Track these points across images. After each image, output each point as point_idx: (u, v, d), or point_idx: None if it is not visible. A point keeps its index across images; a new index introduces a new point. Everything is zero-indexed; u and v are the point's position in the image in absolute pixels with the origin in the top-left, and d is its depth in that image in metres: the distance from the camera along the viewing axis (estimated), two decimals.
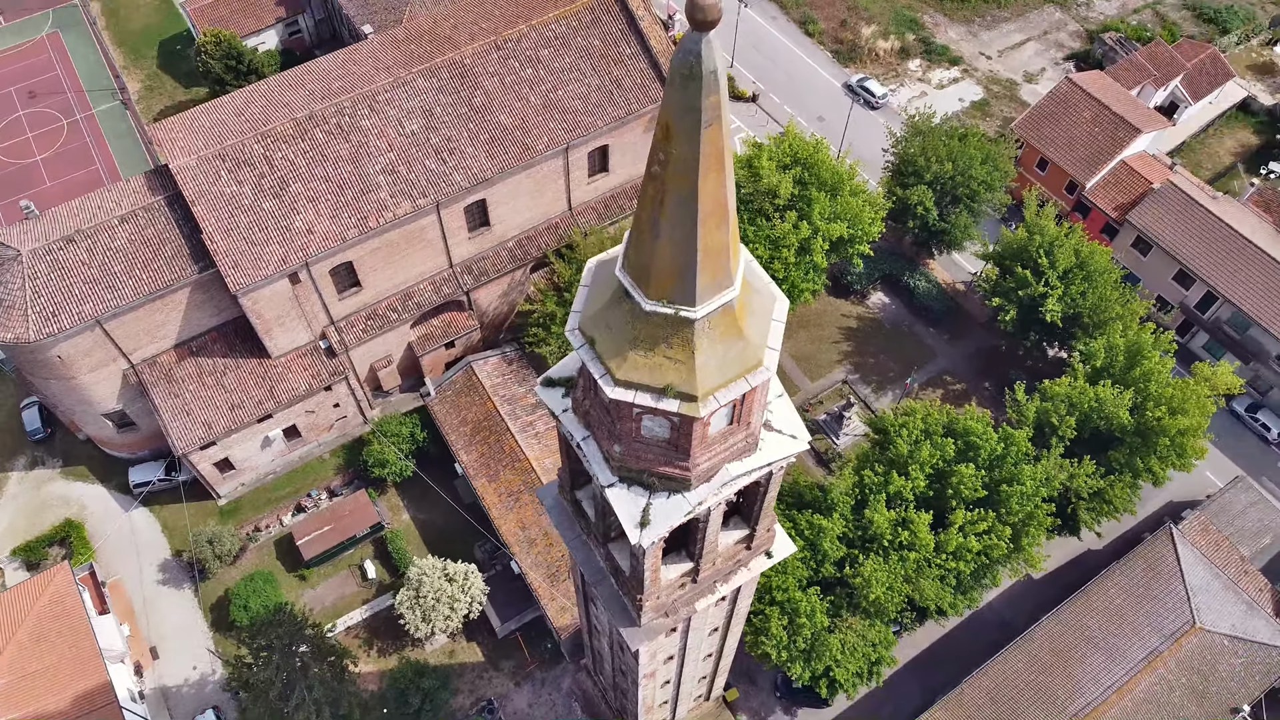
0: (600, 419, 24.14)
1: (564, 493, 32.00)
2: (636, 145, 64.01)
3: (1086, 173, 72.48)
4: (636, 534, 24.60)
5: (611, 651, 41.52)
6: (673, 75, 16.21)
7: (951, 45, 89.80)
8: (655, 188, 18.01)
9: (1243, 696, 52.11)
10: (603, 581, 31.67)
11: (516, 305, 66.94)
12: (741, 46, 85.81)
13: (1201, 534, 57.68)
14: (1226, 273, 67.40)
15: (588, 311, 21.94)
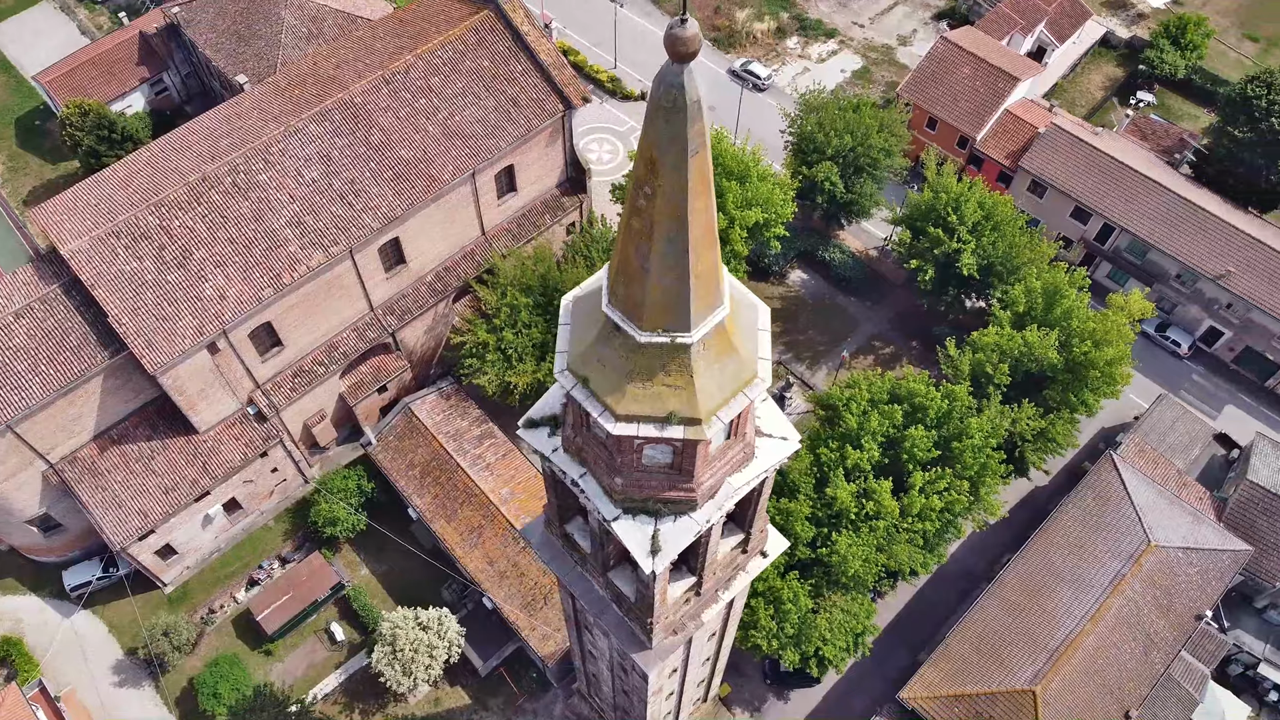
0: (597, 454, 23.75)
1: (552, 529, 31.50)
2: (541, 161, 63.42)
3: (974, 126, 74.83)
4: (649, 562, 24.32)
5: (612, 674, 41.10)
6: (655, 109, 15.95)
7: (824, 19, 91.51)
8: (642, 222, 17.72)
9: (1203, 602, 54.68)
10: (606, 611, 31.24)
11: (444, 338, 65.68)
12: (623, 46, 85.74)
13: (1139, 455, 60.27)
14: (1119, 203, 70.47)
15: (575, 350, 21.53)
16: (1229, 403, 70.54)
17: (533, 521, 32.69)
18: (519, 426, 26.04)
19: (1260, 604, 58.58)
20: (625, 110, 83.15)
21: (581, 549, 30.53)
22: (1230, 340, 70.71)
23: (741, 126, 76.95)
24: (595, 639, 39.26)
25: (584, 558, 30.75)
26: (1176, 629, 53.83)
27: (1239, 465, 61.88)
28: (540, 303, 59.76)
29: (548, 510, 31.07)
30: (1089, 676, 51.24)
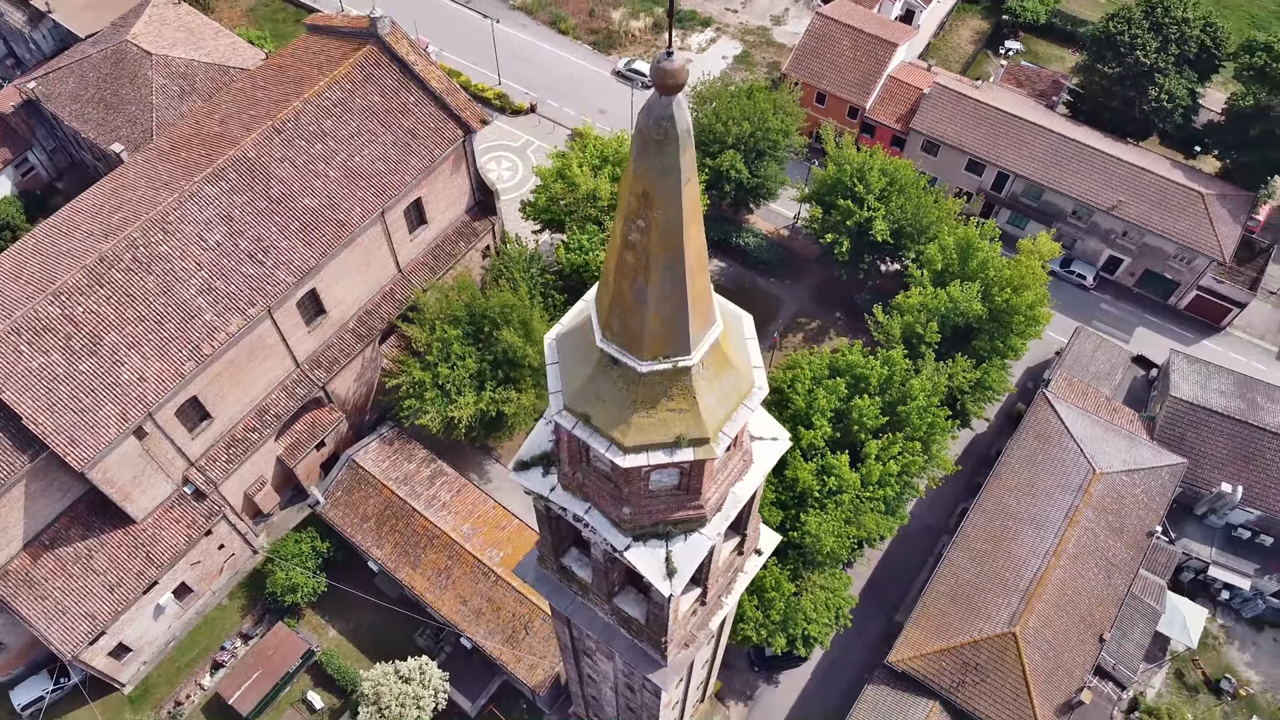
0: (600, 487, 23.48)
1: (547, 564, 31.06)
2: (447, 189, 62.39)
3: (862, 95, 76.56)
4: (667, 585, 24.17)
5: (617, 694, 40.82)
6: (644, 143, 15.75)
7: (698, 8, 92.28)
8: (636, 256, 17.49)
9: (1151, 519, 57.26)
10: (615, 636, 30.95)
11: (375, 383, 64.09)
12: (504, 60, 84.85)
13: (1068, 389, 62.72)
14: (1009, 151, 73.08)
15: (571, 389, 21.18)
16: (1138, 325, 73.99)
17: (524, 560, 32.19)
18: (511, 470, 25.53)
19: (1200, 511, 61.63)
20: (517, 125, 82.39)
21: (581, 579, 30.20)
22: (1130, 266, 74.14)
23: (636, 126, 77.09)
24: (597, 664, 38.95)
25: (585, 588, 30.41)
26: (1132, 548, 56.25)
27: (1159, 384, 64.95)
28: (470, 332, 58.82)
29: (540, 546, 30.63)
30: (1061, 609, 53.15)
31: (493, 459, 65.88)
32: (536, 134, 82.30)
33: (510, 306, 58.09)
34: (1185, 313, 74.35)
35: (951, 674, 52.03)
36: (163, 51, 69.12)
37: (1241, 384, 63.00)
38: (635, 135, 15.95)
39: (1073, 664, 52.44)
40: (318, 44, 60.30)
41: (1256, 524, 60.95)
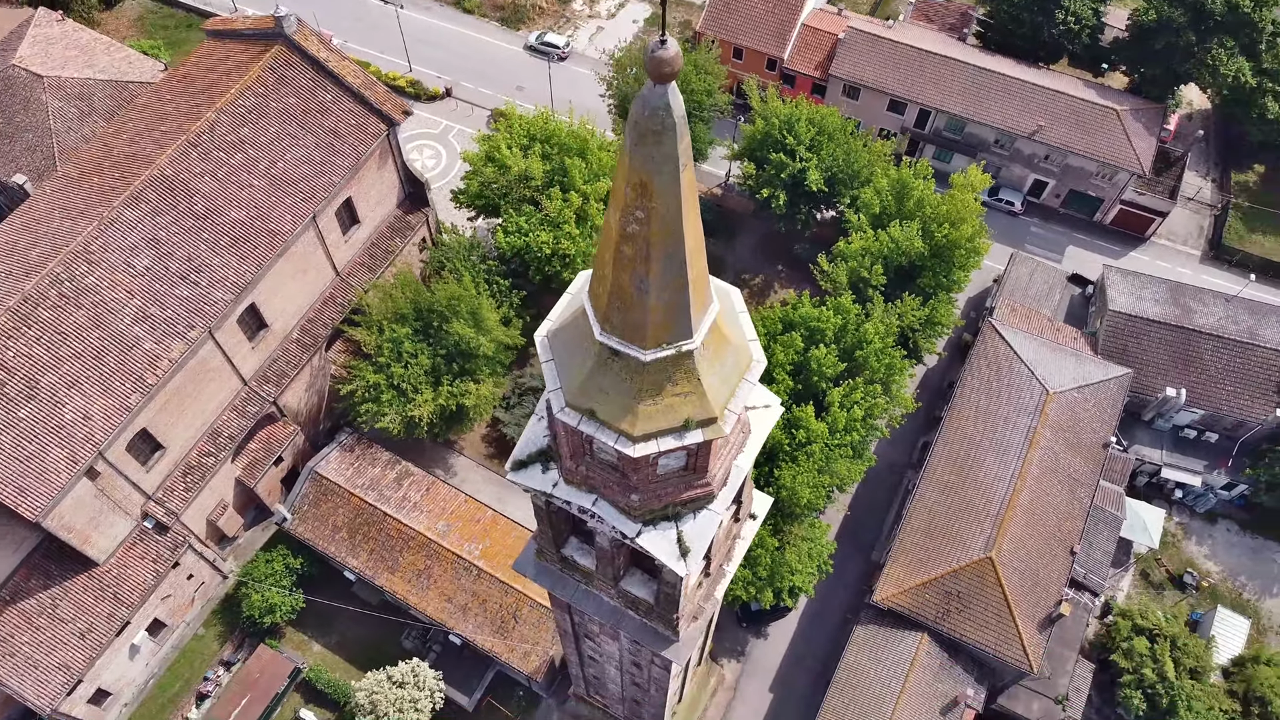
0: (606, 477, 23.30)
1: (547, 556, 30.88)
2: (377, 185, 60.90)
3: (779, 46, 76.55)
4: (681, 566, 24.18)
5: (622, 672, 40.98)
6: (642, 133, 15.41)
7: None
8: (636, 247, 17.21)
9: (1105, 431, 59.21)
10: (624, 619, 30.95)
11: (326, 391, 62.71)
12: (412, 46, 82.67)
13: (1012, 314, 64.22)
14: (928, 87, 73.91)
15: (570, 385, 20.88)
16: (1069, 244, 75.99)
17: (522, 555, 31.94)
18: (509, 471, 25.17)
19: (1148, 416, 63.96)
20: (435, 111, 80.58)
21: (584, 568, 30.10)
22: (1055, 188, 75.92)
23: (559, 100, 76.12)
24: (600, 645, 39.00)
25: (589, 575, 30.33)
26: (1090, 462, 58.16)
27: (1097, 299, 66.87)
28: (419, 328, 57.81)
29: (539, 540, 30.43)
30: (1031, 529, 54.81)
31: (456, 452, 65.17)
32: (455, 119, 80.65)
33: (457, 298, 57.17)
34: (1111, 227, 76.56)
35: (935, 605, 53.41)
36: (54, 73, 65.72)
37: (1173, 291, 65.21)
38: (630, 127, 15.60)
39: (1048, 580, 54.25)
40: (221, 50, 57.98)
41: (1201, 423, 63.53)
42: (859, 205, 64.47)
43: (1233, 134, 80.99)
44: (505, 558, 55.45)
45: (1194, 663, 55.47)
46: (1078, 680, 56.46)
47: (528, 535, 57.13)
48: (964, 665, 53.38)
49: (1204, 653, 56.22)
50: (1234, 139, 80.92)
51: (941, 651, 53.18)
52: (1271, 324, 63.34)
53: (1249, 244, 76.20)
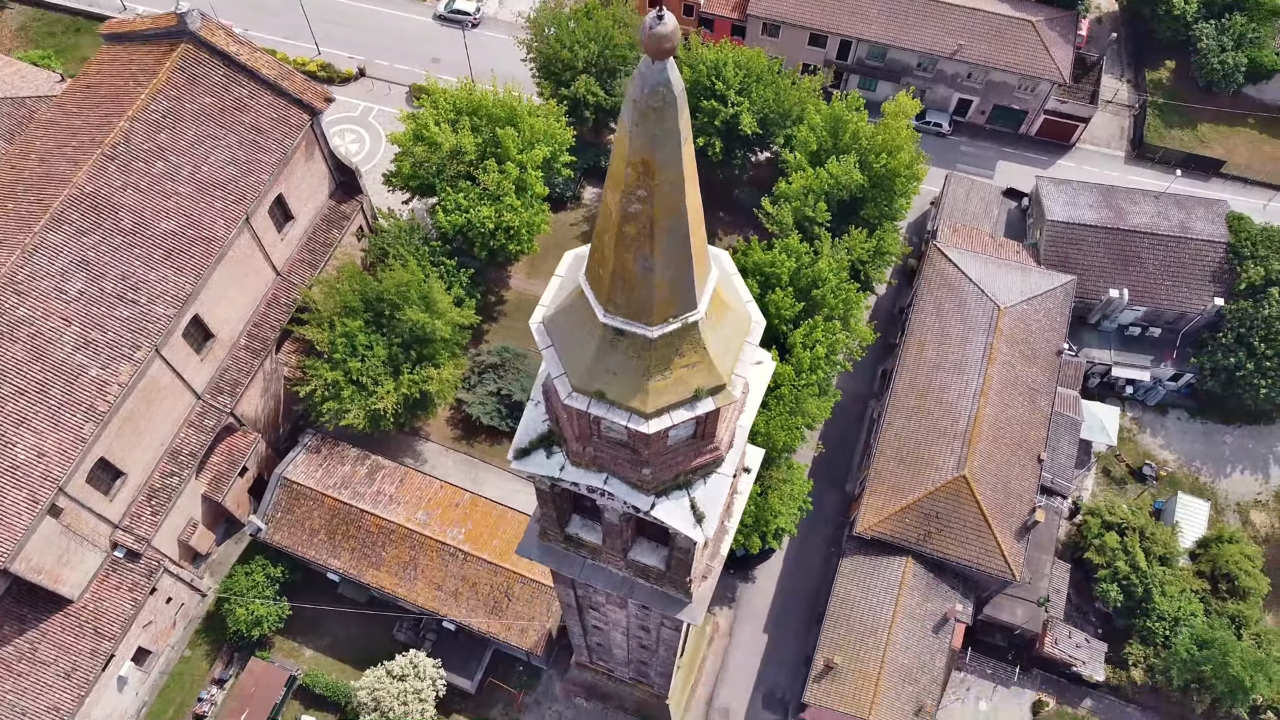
0: (616, 455, 23.20)
1: (551, 537, 30.78)
2: (307, 178, 59.15)
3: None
4: (698, 532, 24.30)
5: (629, 636, 41.30)
6: (642, 111, 15.04)
7: None
8: (638, 227, 16.91)
9: (1056, 339, 60.74)
10: (635, 588, 31.10)
11: (281, 394, 61.30)
12: (318, 27, 79.72)
13: (954, 235, 65.18)
14: (846, 18, 73.84)
15: (576, 369, 20.62)
16: (998, 160, 77.15)
17: (524, 540, 31.78)
18: (512, 461, 24.88)
19: (1093, 319, 65.77)
20: (351, 94, 78.17)
21: (590, 544, 30.10)
22: (979, 105, 76.82)
23: (478, 69, 74.36)
24: (606, 614, 39.18)
25: (595, 550, 30.35)
26: (1046, 370, 59.70)
27: (1033, 211, 68.11)
28: (370, 319, 56.65)
29: (541, 522, 30.28)
30: (998, 443, 56.25)
31: (423, 439, 64.40)
32: (373, 99, 78.41)
33: (406, 284, 56.03)
34: (1038, 138, 77.88)
35: (916, 528, 54.70)
36: None
37: (1105, 194, 66.72)
38: (629, 106, 15.22)
39: (1020, 489, 55.86)
40: (123, 54, 55.32)
41: (1144, 320, 65.57)
42: (794, 144, 64.50)
43: (1141, 33, 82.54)
44: (490, 539, 55.26)
45: (1162, 550, 57.88)
46: (1056, 581, 58.58)
47: (509, 514, 56.99)
48: (949, 582, 54.91)
49: (1170, 539, 58.66)
50: (1143, 38, 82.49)
51: (927, 572, 54.61)
52: (1200, 216, 65.31)
53: (1169, 140, 78.20)
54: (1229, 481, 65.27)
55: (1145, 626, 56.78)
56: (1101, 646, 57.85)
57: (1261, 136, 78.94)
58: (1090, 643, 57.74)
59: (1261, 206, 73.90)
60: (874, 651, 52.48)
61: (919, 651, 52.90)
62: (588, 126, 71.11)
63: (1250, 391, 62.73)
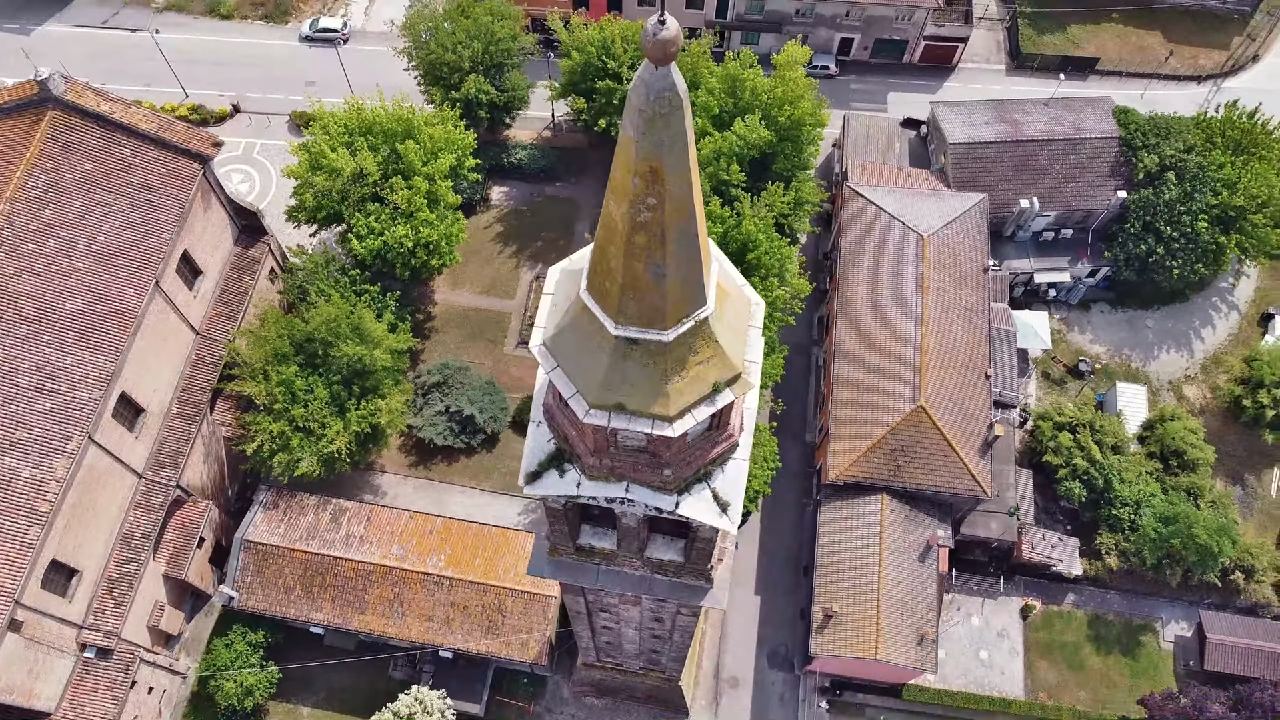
0: (635, 461, 22.83)
1: (562, 552, 30.29)
2: (209, 229, 56.60)
3: None
4: (725, 522, 24.16)
5: (641, 630, 41.12)
6: (648, 120, 14.55)
7: None
8: (649, 235, 16.46)
9: (980, 257, 62.23)
10: (654, 584, 30.87)
11: (223, 456, 58.91)
12: (181, 69, 75.74)
13: (864, 174, 66.08)
14: None
15: (589, 386, 20.10)
16: (888, 92, 78.45)
17: (532, 560, 31.28)
18: (523, 486, 24.28)
19: (1009, 231, 67.67)
20: (230, 132, 74.72)
21: (602, 550, 29.72)
22: (861, 42, 77.91)
23: (358, 86, 71.96)
24: (618, 613, 38.91)
25: (609, 555, 29.99)
26: (976, 289, 61.18)
27: (934, 137, 69.43)
28: (303, 361, 54.73)
29: (551, 538, 29.78)
30: (945, 367, 57.53)
31: (378, 472, 62.77)
32: (253, 134, 75.31)
33: (334, 319, 54.21)
34: (921, 65, 79.41)
35: (885, 465, 55.69)
36: None
37: (998, 109, 68.41)
38: (633, 115, 14.69)
39: (975, 409, 57.34)
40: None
41: (1055, 224, 67.75)
42: (695, 110, 64.31)
43: None
44: (471, 559, 54.36)
45: (1113, 440, 60.26)
46: (1021, 489, 60.53)
47: (485, 530, 56.16)
48: (926, 511, 56.17)
49: (1118, 428, 61.11)
50: None
51: (903, 505, 55.75)
52: (1089, 116, 67.58)
53: (1042, 46, 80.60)
54: (1158, 363, 68.24)
55: (1111, 515, 59.15)
56: (1074, 542, 60.10)
57: (1127, 29, 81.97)
58: (1063, 541, 59.94)
59: (1139, 96, 76.86)
60: (868, 592, 53.44)
61: (910, 583, 54.09)
62: (484, 126, 69.65)
63: (1164, 274, 65.48)
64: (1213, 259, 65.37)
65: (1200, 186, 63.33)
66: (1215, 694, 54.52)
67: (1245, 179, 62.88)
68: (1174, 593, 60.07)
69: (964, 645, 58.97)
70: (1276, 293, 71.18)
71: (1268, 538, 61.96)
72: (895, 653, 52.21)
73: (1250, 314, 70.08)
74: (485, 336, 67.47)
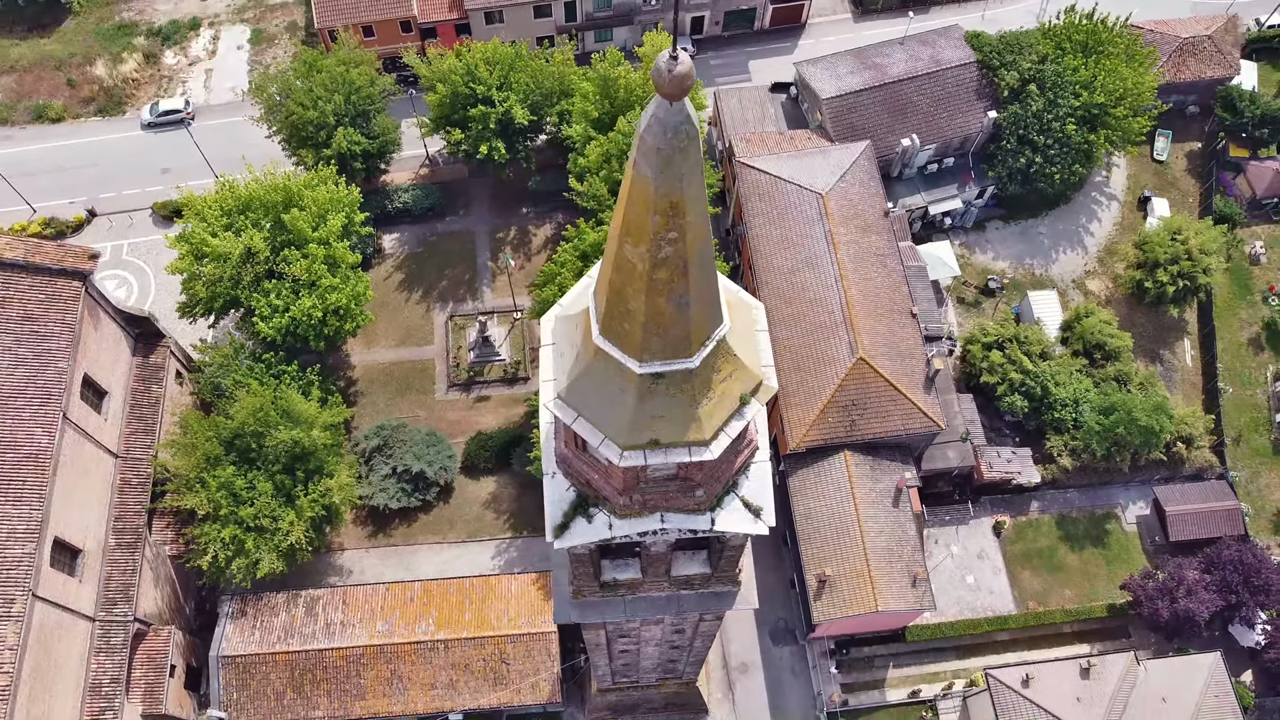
0: (666, 489, 22.42)
1: (585, 593, 29.66)
2: (104, 346, 53.41)
3: (403, 6, 72.76)
4: (761, 526, 23.94)
5: (661, 646, 40.71)
6: (666, 158, 14.13)
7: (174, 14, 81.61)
8: (672, 268, 16.03)
9: (876, 203, 63.59)
10: (683, 601, 30.52)
11: (173, 575, 55.80)
12: (21, 183, 70.74)
13: (749, 145, 66.70)
14: None
15: (618, 428, 19.54)
16: (748, 61, 79.45)
17: (556, 608, 30.49)
18: (554, 543, 23.58)
19: (896, 171, 69.46)
20: (91, 239, 70.45)
21: (627, 581, 29.22)
22: (712, 17, 78.51)
23: (220, 162, 68.73)
24: (640, 634, 38.39)
25: (633, 584, 29.50)
26: (882, 233, 62.53)
27: (805, 97, 70.51)
28: (237, 459, 52.23)
29: (574, 583, 29.09)
30: (874, 315, 58.69)
31: (337, 551, 60.50)
32: (116, 236, 71.23)
33: (259, 409, 51.82)
34: (773, 29, 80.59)
35: (839, 423, 56.52)
36: None
37: (859, 57, 69.92)
38: (649, 155, 14.19)
39: (910, 349, 58.73)
40: None
41: (936, 155, 69.87)
42: (571, 118, 63.82)
43: None
44: (460, 615, 53.04)
45: (1039, 347, 62.66)
46: (966, 414, 62.35)
47: (465, 583, 54.94)
48: (888, 457, 57.30)
49: (1040, 335, 63.57)
50: None
51: (866, 457, 56.73)
52: (944, 46, 69.75)
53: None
54: (1059, 265, 71.18)
55: (1054, 418, 61.56)
56: (1026, 452, 62.34)
57: None
58: (1017, 454, 62.09)
59: (981, 19, 79.71)
60: (854, 549, 54.24)
61: (891, 530, 55.14)
62: (360, 177, 67.50)
63: (1046, 181, 68.24)
64: (1086, 157, 68.44)
65: (1061, 92, 66.13)
66: (1187, 561, 57.47)
67: (1100, 77, 65.94)
68: (1126, 477, 62.92)
69: (950, 575, 60.51)
70: (1145, 176, 75.08)
71: (1195, 405, 65.49)
72: (894, 600, 53.18)
73: (1129, 201, 73.74)
74: (413, 388, 65.65)
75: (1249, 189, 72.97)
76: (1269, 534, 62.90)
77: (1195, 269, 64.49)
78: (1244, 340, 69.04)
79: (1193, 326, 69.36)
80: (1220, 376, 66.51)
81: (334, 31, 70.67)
